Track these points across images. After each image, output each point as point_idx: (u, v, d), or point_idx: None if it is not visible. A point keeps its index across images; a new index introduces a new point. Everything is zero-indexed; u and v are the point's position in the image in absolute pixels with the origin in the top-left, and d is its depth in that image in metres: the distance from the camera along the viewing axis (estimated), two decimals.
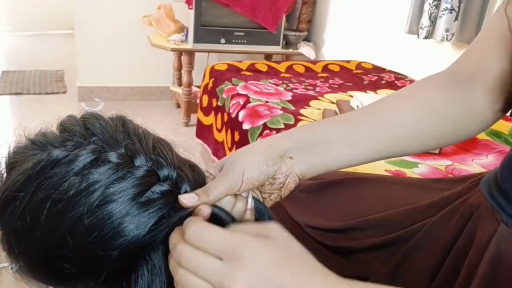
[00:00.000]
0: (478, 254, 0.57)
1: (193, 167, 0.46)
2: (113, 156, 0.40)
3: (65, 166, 0.39)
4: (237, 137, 1.55)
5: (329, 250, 0.78)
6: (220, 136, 1.80)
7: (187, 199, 0.42)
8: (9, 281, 0.45)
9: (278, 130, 1.37)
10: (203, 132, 2.06)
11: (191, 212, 0.42)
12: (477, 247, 0.58)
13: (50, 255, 0.40)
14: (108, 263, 0.40)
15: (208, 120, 1.97)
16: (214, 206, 0.44)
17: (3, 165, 0.44)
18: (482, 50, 0.59)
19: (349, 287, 0.37)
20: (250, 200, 0.46)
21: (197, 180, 0.45)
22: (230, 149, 1.64)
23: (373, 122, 0.55)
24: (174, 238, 0.39)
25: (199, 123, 2.09)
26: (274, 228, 0.38)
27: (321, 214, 0.73)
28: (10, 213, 0.40)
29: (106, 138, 0.42)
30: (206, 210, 0.42)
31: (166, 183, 0.42)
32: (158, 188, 0.41)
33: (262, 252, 0.35)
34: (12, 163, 0.43)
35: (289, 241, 0.38)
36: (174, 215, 0.41)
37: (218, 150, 1.83)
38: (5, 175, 0.44)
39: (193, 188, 0.44)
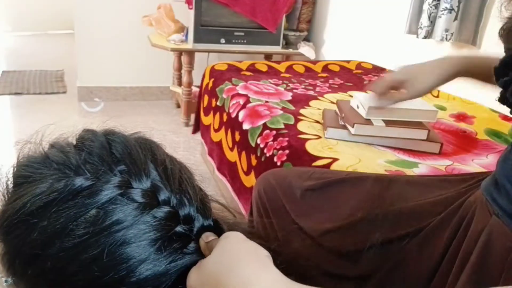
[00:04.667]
0: (472, 244, 0.61)
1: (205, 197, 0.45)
2: (138, 194, 0.38)
3: (87, 198, 0.37)
4: (237, 137, 1.55)
5: (328, 251, 0.78)
6: (216, 136, 1.80)
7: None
8: None
9: (278, 130, 1.37)
10: (203, 131, 2.06)
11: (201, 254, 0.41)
12: (471, 238, 0.62)
13: (57, 285, 0.38)
14: None
15: (207, 120, 1.97)
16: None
17: (10, 174, 0.41)
18: None
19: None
20: None
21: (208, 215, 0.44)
22: (231, 149, 1.63)
23: None
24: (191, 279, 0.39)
25: (201, 123, 2.08)
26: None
27: (325, 212, 0.74)
28: (17, 237, 0.38)
29: (133, 169, 0.39)
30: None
31: (184, 227, 0.40)
32: (177, 231, 0.40)
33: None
34: (22, 177, 0.39)
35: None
36: (186, 257, 0.40)
37: (213, 150, 1.83)
38: (10, 185, 0.40)
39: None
